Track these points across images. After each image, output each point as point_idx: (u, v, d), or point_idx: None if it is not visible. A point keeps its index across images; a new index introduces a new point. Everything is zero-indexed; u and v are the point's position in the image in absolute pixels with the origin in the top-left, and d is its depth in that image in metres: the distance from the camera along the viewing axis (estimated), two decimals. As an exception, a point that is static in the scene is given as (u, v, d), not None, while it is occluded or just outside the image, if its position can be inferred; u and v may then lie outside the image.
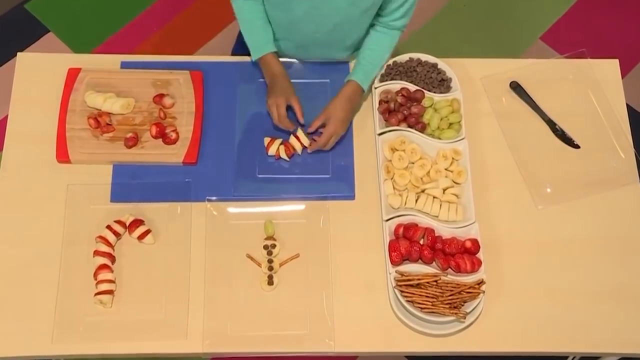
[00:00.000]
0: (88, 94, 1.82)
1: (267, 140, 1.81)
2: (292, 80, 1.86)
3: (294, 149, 1.80)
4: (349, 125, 1.83)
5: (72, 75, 1.87)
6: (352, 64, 1.94)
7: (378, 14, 1.82)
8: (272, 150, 1.79)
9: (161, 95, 1.83)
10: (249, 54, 1.88)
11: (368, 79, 1.84)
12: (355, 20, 1.79)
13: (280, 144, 1.80)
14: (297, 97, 1.80)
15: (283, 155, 1.79)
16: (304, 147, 1.81)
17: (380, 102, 1.87)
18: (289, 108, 1.81)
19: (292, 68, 1.93)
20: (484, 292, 1.64)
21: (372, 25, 1.86)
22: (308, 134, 1.81)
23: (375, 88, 1.88)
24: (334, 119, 1.77)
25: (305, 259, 1.71)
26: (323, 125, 1.79)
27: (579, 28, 3.17)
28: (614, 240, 1.77)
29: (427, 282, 1.63)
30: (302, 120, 1.80)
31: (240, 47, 1.99)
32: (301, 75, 1.91)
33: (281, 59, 1.87)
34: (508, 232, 1.77)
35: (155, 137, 1.81)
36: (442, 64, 1.91)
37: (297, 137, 1.80)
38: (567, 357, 1.96)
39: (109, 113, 1.82)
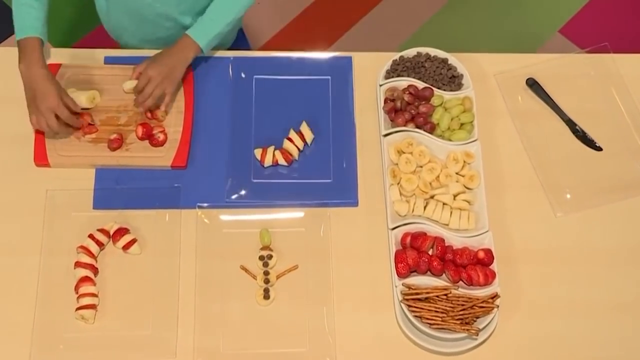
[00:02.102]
0: (69, 91, 1.83)
1: (258, 152, 1.81)
2: (291, 77, 1.88)
3: (290, 154, 1.81)
4: (174, 83, 1.80)
5: (52, 71, 1.85)
6: (354, 58, 1.96)
7: None
8: (267, 162, 1.80)
9: (154, 113, 1.84)
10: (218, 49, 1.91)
11: (205, 35, 1.82)
12: None
13: (275, 150, 1.80)
14: (67, 96, 1.75)
15: (282, 161, 1.80)
16: (301, 151, 1.82)
17: (385, 101, 1.87)
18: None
19: (292, 64, 1.93)
20: (498, 306, 1.64)
21: None
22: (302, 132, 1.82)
23: (381, 85, 1.89)
24: (156, 65, 1.77)
25: (305, 270, 1.72)
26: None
27: (601, 20, 3.18)
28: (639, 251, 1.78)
29: (437, 296, 1.64)
30: (78, 110, 1.77)
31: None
32: (301, 72, 1.92)
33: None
34: (524, 242, 1.77)
35: (142, 139, 1.81)
36: (453, 59, 1.92)
37: (291, 140, 1.81)
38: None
39: (90, 113, 1.83)
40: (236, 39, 2.18)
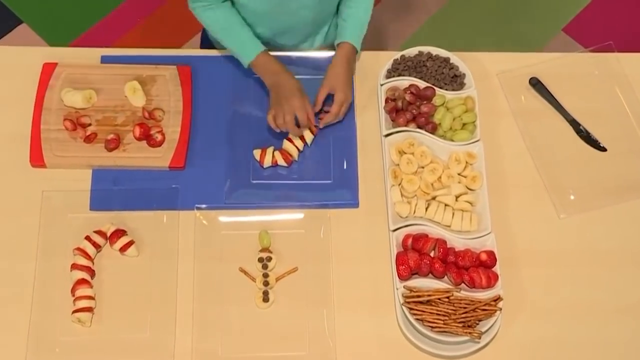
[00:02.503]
0: (65, 91, 1.83)
1: (257, 152, 1.81)
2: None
3: (290, 155, 1.81)
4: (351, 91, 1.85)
5: (48, 70, 1.87)
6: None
7: None
8: (267, 162, 1.80)
9: (151, 112, 1.84)
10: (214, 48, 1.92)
11: (359, 38, 1.87)
12: None
13: (274, 151, 1.80)
14: (308, 100, 1.80)
15: (281, 162, 1.80)
16: (300, 152, 1.82)
17: (386, 100, 1.87)
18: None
19: (292, 63, 1.93)
20: (500, 309, 1.64)
21: None
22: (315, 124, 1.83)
23: (382, 85, 1.89)
24: (341, 86, 1.81)
25: (304, 273, 1.72)
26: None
27: (606, 19, 3.18)
28: (644, 253, 1.78)
29: (439, 299, 1.64)
30: (312, 126, 1.81)
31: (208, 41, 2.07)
32: (301, 71, 1.91)
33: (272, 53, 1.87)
34: (527, 244, 1.77)
35: (139, 139, 1.81)
36: (455, 58, 1.92)
37: (291, 141, 1.81)
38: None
39: (88, 115, 1.83)
40: None
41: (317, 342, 1.64)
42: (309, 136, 1.82)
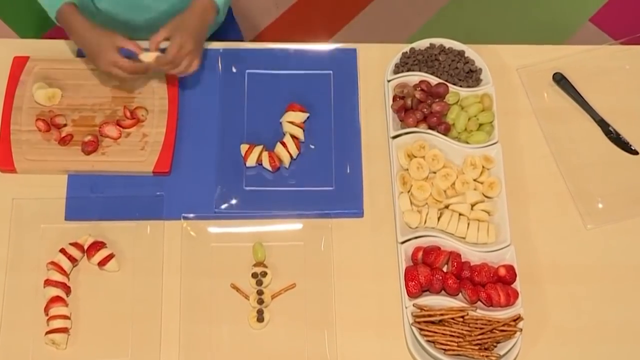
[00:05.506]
0: (37, 87, 1.84)
1: (244, 147, 1.82)
2: (288, 72, 1.89)
3: (280, 160, 1.81)
4: (201, 49, 1.81)
5: (19, 64, 1.88)
6: (359, 50, 1.97)
7: None
8: (250, 161, 1.80)
9: (133, 112, 1.84)
10: None
11: None
12: None
13: (262, 151, 1.81)
14: (122, 36, 1.76)
15: (266, 164, 1.80)
16: (293, 159, 1.83)
17: (394, 98, 1.88)
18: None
19: (290, 57, 1.94)
20: (521, 330, 1.64)
21: None
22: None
23: (389, 81, 1.89)
24: (182, 31, 1.75)
25: (303, 289, 1.72)
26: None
27: (637, 8, 3.19)
28: (680, 267, 1.78)
29: (452, 318, 1.64)
30: (140, 53, 1.75)
31: None
32: (300, 66, 1.93)
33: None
34: (551, 257, 1.78)
35: (117, 138, 1.82)
36: (471, 51, 1.93)
37: (285, 145, 1.81)
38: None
39: (63, 114, 1.83)
40: (225, 22, 2.15)
41: (317, 366, 1.65)
42: (299, 132, 1.83)
